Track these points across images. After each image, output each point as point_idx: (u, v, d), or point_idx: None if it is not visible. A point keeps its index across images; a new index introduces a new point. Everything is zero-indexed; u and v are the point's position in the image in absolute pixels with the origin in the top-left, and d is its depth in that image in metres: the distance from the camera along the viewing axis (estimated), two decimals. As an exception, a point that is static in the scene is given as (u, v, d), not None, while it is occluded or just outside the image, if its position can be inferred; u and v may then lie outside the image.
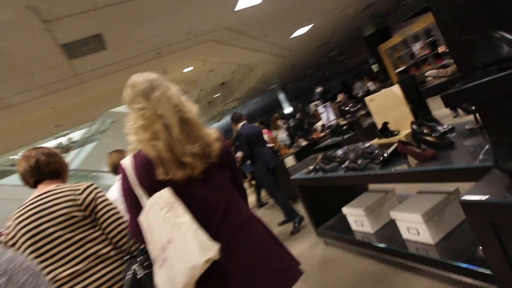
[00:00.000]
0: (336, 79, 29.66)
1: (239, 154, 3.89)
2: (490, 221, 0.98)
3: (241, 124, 3.81)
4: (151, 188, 1.06)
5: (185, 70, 7.73)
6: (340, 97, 7.49)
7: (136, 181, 1.07)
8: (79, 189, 1.32)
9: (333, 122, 5.38)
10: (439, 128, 1.85)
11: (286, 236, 3.72)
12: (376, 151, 2.07)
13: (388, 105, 2.30)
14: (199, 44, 6.04)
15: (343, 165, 2.21)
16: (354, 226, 2.53)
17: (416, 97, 2.08)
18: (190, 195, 1.08)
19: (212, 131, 1.18)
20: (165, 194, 1.04)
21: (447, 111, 3.98)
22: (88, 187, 1.34)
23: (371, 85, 8.28)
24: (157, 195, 1.04)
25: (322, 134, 5.00)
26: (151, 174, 1.06)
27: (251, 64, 9.93)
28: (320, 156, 2.75)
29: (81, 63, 4.89)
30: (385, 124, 2.31)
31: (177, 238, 0.99)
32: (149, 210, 1.03)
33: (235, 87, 12.32)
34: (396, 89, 2.20)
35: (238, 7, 5.40)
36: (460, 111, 1.82)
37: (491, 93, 0.85)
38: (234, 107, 13.55)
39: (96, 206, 1.30)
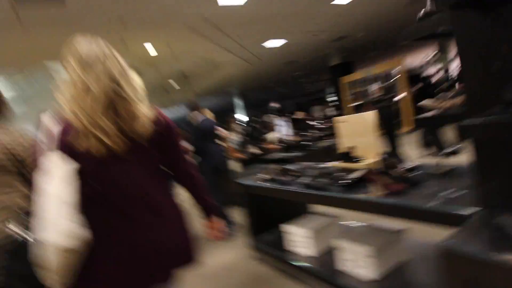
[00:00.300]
0: (292, 99, 30.64)
1: (188, 146, 3.61)
2: (472, 277, 0.86)
3: (199, 116, 3.51)
4: (69, 154, 1.01)
5: (147, 48, 7.15)
6: (299, 114, 7.57)
7: (54, 144, 1.02)
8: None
9: (288, 137, 5.34)
10: (407, 163, 1.80)
11: (210, 240, 3.48)
12: (336, 174, 1.97)
13: (357, 130, 2.24)
14: (172, 26, 5.61)
15: (301, 181, 2.07)
16: (293, 247, 2.40)
17: (389, 129, 2.03)
18: (107, 172, 1.05)
19: (149, 111, 1.12)
20: (68, 167, 1.00)
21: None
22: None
23: (330, 111, 8.57)
24: (61, 163, 0.99)
25: (275, 146, 4.90)
26: (70, 141, 1.01)
27: (217, 62, 9.63)
28: (275, 166, 2.59)
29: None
30: (349, 149, 2.24)
31: (50, 210, 0.94)
32: (50, 174, 0.98)
33: (194, 80, 11.84)
34: (369, 116, 2.15)
35: (223, 2, 5.17)
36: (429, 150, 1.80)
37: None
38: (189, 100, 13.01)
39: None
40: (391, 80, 9.23)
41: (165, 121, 1.17)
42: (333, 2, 6.45)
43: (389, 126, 2.01)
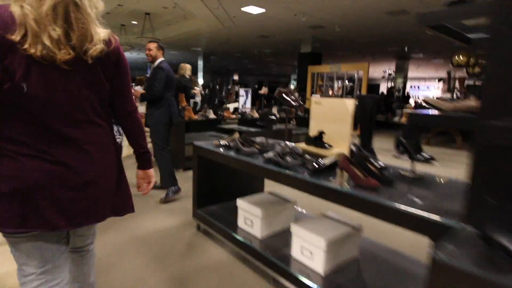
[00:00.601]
0: (254, 76, 30.34)
1: (138, 89, 3.30)
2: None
3: (160, 59, 3.10)
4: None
5: (113, -30, 6.19)
6: (264, 90, 7.35)
7: None
8: None
9: (247, 110, 5.12)
10: (378, 161, 1.72)
11: (152, 202, 3.19)
12: (305, 156, 1.82)
13: (331, 115, 2.11)
14: None
15: (266, 155, 1.89)
16: (242, 223, 2.24)
17: (367, 121, 1.93)
18: (45, 77, 0.94)
19: (103, 31, 1.03)
20: None
21: (386, 147, 4.13)
22: None
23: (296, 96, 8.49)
24: None
25: (233, 116, 4.66)
26: (4, 31, 0.88)
27: (188, 11, 8.84)
28: (237, 134, 2.37)
29: None
30: (321, 133, 2.11)
31: None
32: None
33: (159, 25, 10.80)
34: (349, 102, 2.02)
35: None
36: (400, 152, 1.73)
37: None
38: (148, 46, 11.89)
39: None
40: (352, 82, 9.46)
41: (117, 45, 1.09)
42: (324, -15, 6.23)
43: (366, 121, 1.91)
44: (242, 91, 5.09)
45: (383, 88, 22.20)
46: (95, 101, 1.05)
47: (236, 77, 26.66)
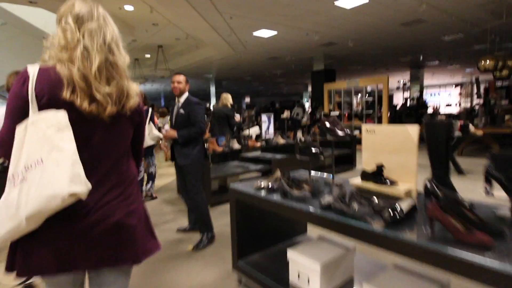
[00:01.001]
0: (265, 97, 30.43)
1: (167, 128, 3.16)
2: None
3: (187, 92, 2.91)
4: (48, 103, 0.95)
5: (126, 8, 6.25)
6: (286, 114, 7.13)
7: (33, 89, 0.94)
8: None
9: (270, 136, 4.87)
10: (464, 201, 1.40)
11: (183, 249, 2.90)
12: (375, 200, 1.52)
13: (390, 145, 1.82)
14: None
15: (324, 200, 1.59)
16: (294, 279, 1.92)
17: (442, 151, 1.62)
18: (88, 131, 1.01)
19: (135, 85, 1.12)
20: (61, 115, 0.94)
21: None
22: None
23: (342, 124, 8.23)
24: (51, 112, 0.94)
25: (258, 144, 4.41)
26: (55, 89, 0.95)
27: (201, 40, 8.87)
28: (279, 172, 2.09)
29: None
30: (381, 167, 1.81)
31: (50, 161, 0.89)
32: (34, 123, 0.92)
33: (172, 56, 10.92)
34: (412, 130, 1.74)
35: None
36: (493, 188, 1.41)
37: None
38: (162, 77, 12.05)
39: None
40: (372, 97, 9.14)
41: (141, 99, 1.17)
42: (336, 3, 6.09)
43: (440, 149, 1.59)
44: (264, 117, 4.86)
45: (398, 98, 21.70)
46: (124, 146, 1.12)
47: (247, 100, 26.76)
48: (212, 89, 16.96)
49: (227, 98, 5.00)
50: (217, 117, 4.87)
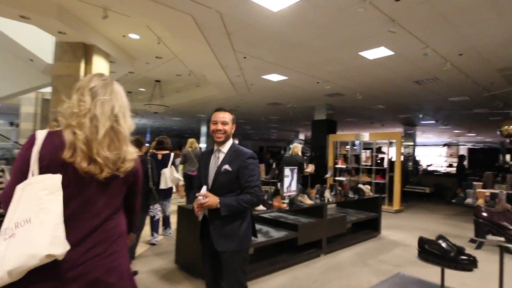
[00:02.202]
0: (253, 141, 30.07)
1: (204, 191, 2.23)
2: None
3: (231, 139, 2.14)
4: (48, 165, 1.08)
5: (130, 36, 5.65)
6: (310, 168, 6.39)
7: (37, 153, 1.09)
8: None
9: (293, 194, 4.08)
10: None
11: None
12: None
13: None
14: (174, 11, 4.28)
15: None
16: None
17: None
18: (83, 190, 1.12)
19: (133, 150, 1.25)
20: (54, 178, 1.06)
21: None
22: None
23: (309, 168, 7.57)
24: (47, 175, 1.06)
25: (285, 205, 3.59)
26: (56, 152, 1.09)
27: (203, 78, 8.34)
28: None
29: None
30: None
31: (37, 222, 0.99)
32: (31, 184, 1.04)
33: (168, 93, 10.28)
34: None
35: (258, 1, 4.00)
36: None
37: None
38: (156, 113, 11.27)
39: None
40: (381, 153, 8.68)
41: (138, 164, 1.30)
42: (360, 53, 5.76)
43: None
44: (287, 171, 4.10)
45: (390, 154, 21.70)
46: (114, 205, 1.21)
47: (236, 142, 26.17)
48: (204, 129, 16.27)
49: (299, 148, 5.11)
50: (287, 166, 4.17)
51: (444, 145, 21.42)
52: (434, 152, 22.25)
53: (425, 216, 7.48)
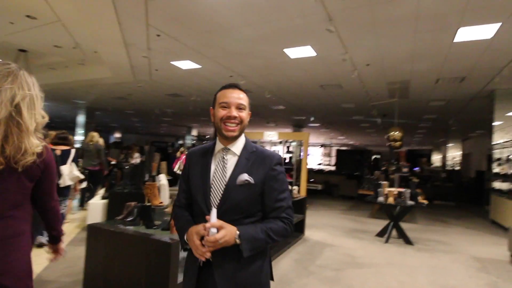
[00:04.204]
0: (137, 135, 27.30)
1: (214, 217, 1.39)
2: None
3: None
4: None
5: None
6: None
7: None
8: None
9: None
10: None
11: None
12: None
13: None
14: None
15: None
16: None
17: None
18: None
19: (38, 143, 1.19)
20: None
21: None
22: None
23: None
24: None
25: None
26: None
27: (92, 54, 6.70)
28: None
29: None
30: None
31: None
32: None
33: (38, 69, 7.93)
34: None
35: None
36: None
37: None
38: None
39: None
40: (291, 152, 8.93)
41: (48, 155, 1.25)
42: (285, 50, 5.60)
43: None
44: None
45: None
46: (9, 202, 1.16)
47: (117, 135, 23.18)
48: (81, 119, 13.57)
49: None
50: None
51: (322, 145, 24.37)
52: (312, 152, 25.08)
53: (327, 212, 8.03)
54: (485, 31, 4.39)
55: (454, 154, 16.69)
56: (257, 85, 8.25)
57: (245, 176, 1.22)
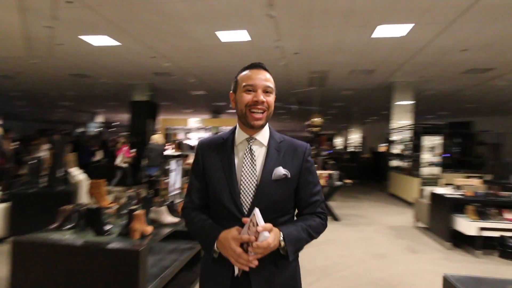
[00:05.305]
0: (22, 121, 22.89)
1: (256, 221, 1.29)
2: None
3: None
4: None
5: None
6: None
7: None
8: None
9: (177, 192, 3.24)
10: None
11: None
12: None
13: None
14: None
15: None
16: None
17: None
18: None
19: None
20: None
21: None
22: None
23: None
24: None
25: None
26: None
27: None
28: None
29: None
30: None
31: None
32: None
33: None
34: None
35: None
36: None
37: None
38: None
39: None
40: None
41: None
42: (217, 32, 5.35)
43: None
44: (173, 164, 3.14)
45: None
46: None
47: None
48: None
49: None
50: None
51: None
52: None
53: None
54: (400, 30, 4.99)
55: (353, 137, 19.03)
56: (181, 68, 7.75)
57: (282, 170, 1.07)
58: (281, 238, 1.00)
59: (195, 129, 8.75)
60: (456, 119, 14.63)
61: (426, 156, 7.30)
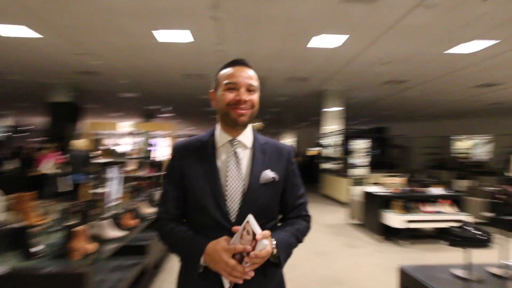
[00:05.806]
0: None
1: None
2: None
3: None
4: None
5: None
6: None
7: None
8: None
9: (117, 202, 2.95)
10: None
11: None
12: None
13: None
14: None
15: None
16: None
17: None
18: None
19: None
20: None
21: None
22: None
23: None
24: None
25: (136, 221, 2.43)
26: None
27: None
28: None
29: None
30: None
31: None
32: None
33: None
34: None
35: None
36: None
37: None
38: None
39: None
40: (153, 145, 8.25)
41: None
42: (154, 31, 5.07)
43: None
44: (111, 172, 2.81)
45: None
46: None
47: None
48: None
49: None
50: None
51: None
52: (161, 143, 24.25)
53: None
54: (335, 41, 5.37)
55: (287, 141, 19.90)
56: (112, 68, 7.14)
57: (270, 173, 1.03)
58: (274, 245, 0.95)
59: (126, 133, 8.10)
60: (375, 124, 16.38)
61: (354, 158, 7.98)
